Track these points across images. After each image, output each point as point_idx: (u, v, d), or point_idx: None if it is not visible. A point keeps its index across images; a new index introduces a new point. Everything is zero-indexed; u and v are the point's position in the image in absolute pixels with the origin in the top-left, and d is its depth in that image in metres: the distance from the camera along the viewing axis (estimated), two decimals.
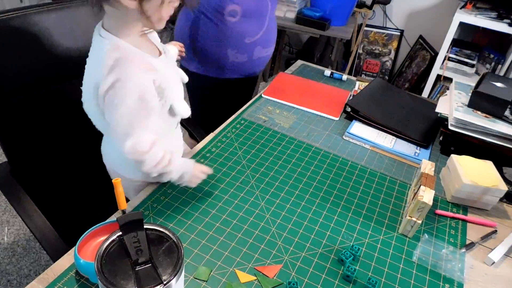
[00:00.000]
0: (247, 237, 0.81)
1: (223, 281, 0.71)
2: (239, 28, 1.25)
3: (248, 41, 1.28)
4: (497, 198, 0.93)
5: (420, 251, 0.82)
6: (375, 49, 2.94)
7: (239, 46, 1.28)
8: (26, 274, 1.56)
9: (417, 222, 0.82)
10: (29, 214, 0.93)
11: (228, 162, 1.00)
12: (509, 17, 2.10)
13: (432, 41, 2.68)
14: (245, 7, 1.22)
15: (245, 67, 1.36)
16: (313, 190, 0.95)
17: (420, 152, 1.12)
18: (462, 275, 0.78)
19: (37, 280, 0.68)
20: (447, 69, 2.38)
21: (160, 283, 0.50)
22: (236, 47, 1.28)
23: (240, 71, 1.36)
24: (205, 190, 0.91)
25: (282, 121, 1.18)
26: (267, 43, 1.36)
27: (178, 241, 0.55)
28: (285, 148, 1.07)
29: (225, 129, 1.12)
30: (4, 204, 1.84)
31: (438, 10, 2.63)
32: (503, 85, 1.10)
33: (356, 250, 0.79)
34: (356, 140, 1.14)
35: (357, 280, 0.75)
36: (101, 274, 0.50)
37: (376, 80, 1.40)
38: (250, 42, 1.29)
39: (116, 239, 0.54)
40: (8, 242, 1.67)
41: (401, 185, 1.00)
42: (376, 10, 2.85)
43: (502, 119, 1.04)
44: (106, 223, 0.76)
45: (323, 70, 1.52)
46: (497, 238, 0.88)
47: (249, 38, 1.28)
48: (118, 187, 0.72)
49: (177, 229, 0.81)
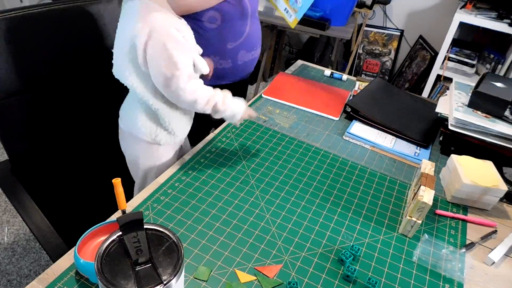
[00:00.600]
0: (247, 237, 0.81)
1: (223, 281, 0.71)
2: (220, 34, 1.19)
3: (230, 46, 1.23)
4: (497, 198, 0.93)
5: (420, 251, 0.82)
6: (375, 49, 2.94)
7: (222, 53, 1.23)
8: (26, 274, 1.56)
9: (417, 222, 0.82)
10: (29, 213, 0.93)
11: (228, 162, 1.00)
12: (509, 17, 2.11)
13: (432, 41, 2.68)
14: (224, 11, 1.16)
15: (230, 73, 1.30)
16: (313, 190, 0.95)
17: (420, 152, 1.12)
18: (462, 275, 0.78)
19: (37, 280, 0.68)
20: (447, 69, 2.38)
21: (160, 283, 0.50)
22: (218, 53, 1.23)
23: (226, 78, 1.31)
24: (205, 190, 0.91)
25: (282, 121, 1.18)
26: (251, 47, 1.30)
27: (178, 241, 0.55)
28: (285, 148, 1.07)
29: (225, 129, 1.12)
30: (4, 204, 1.84)
31: (438, 10, 2.64)
32: (503, 85, 1.10)
33: (356, 250, 0.79)
34: (356, 140, 1.14)
35: (357, 280, 0.75)
36: (101, 274, 0.50)
37: (376, 80, 1.40)
38: (232, 47, 1.24)
39: (116, 239, 0.54)
40: (8, 242, 1.67)
41: (401, 185, 1.00)
42: (376, 10, 2.85)
43: (502, 119, 1.04)
44: (106, 223, 0.76)
45: (323, 70, 1.52)
46: (497, 238, 0.88)
47: (231, 43, 1.23)
48: (118, 187, 0.72)
49: (177, 229, 0.81)
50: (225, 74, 1.29)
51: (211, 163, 0.99)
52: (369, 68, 3.00)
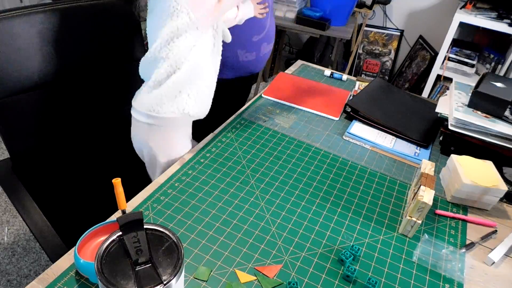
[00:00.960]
0: (247, 237, 0.81)
1: (223, 281, 0.71)
2: (246, 28, 1.27)
3: (255, 39, 1.32)
4: (497, 198, 0.93)
5: (420, 251, 0.82)
6: (375, 49, 2.94)
7: (248, 45, 1.32)
8: (26, 274, 1.56)
9: (417, 222, 0.82)
10: (29, 212, 0.93)
11: (228, 162, 1.00)
12: (509, 17, 2.11)
13: (432, 41, 2.68)
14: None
15: (253, 65, 1.39)
16: (313, 190, 0.95)
17: (420, 152, 1.12)
18: (462, 275, 0.78)
19: (37, 280, 0.68)
20: (447, 69, 2.38)
21: (160, 283, 0.50)
22: (244, 46, 1.32)
23: (248, 70, 1.40)
24: (205, 190, 0.91)
25: (282, 121, 1.18)
26: (270, 39, 1.41)
27: (178, 241, 0.55)
28: (285, 148, 1.07)
29: (225, 129, 1.12)
30: (4, 204, 1.84)
31: (438, 10, 2.64)
32: (503, 85, 1.10)
33: (356, 250, 0.79)
34: (356, 140, 1.14)
35: (357, 280, 0.75)
36: (101, 274, 0.50)
37: (376, 80, 1.40)
38: (257, 40, 1.33)
39: (116, 239, 0.54)
40: (8, 242, 1.67)
41: (401, 185, 1.00)
42: (376, 10, 2.85)
43: (502, 119, 1.04)
44: (106, 223, 0.76)
45: (323, 70, 1.52)
46: (497, 238, 0.88)
47: (256, 36, 1.32)
48: (118, 187, 0.72)
49: (177, 229, 0.81)
50: (248, 67, 1.37)
51: (211, 163, 0.99)
52: (369, 68, 3.00)
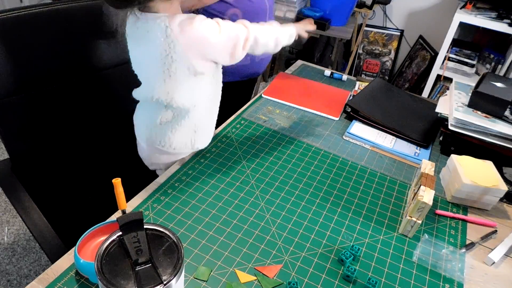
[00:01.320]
0: (247, 237, 0.81)
1: (223, 281, 0.71)
2: None
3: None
4: (497, 198, 0.93)
5: (420, 251, 0.82)
6: (375, 49, 2.94)
7: None
8: (26, 274, 1.56)
9: (417, 222, 0.82)
10: (28, 213, 0.93)
11: (228, 162, 1.00)
12: (509, 17, 2.11)
13: (432, 41, 2.68)
14: (244, 9, 1.21)
15: (247, 69, 1.35)
16: (313, 190, 0.95)
17: (420, 152, 1.12)
18: (462, 275, 0.78)
19: (37, 280, 0.68)
20: (447, 69, 2.38)
21: (160, 283, 0.50)
22: None
23: (242, 74, 1.36)
24: (205, 190, 0.91)
25: (282, 121, 1.18)
26: None
27: (178, 241, 0.55)
28: (285, 148, 1.07)
29: (225, 129, 1.12)
30: (4, 204, 1.84)
31: (438, 10, 2.64)
32: (503, 85, 1.10)
33: (356, 250, 0.79)
34: (356, 140, 1.14)
35: (357, 280, 0.75)
36: (101, 274, 0.50)
37: (376, 80, 1.40)
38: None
39: (116, 239, 0.54)
40: (8, 242, 1.67)
41: (401, 185, 1.00)
42: (376, 10, 2.85)
43: (502, 119, 1.04)
44: (106, 223, 0.76)
45: (323, 70, 1.52)
46: (497, 238, 0.88)
47: None
48: (118, 187, 0.72)
49: (177, 229, 0.81)
50: (241, 71, 1.33)
51: (211, 163, 0.99)
52: (369, 68, 3.00)
